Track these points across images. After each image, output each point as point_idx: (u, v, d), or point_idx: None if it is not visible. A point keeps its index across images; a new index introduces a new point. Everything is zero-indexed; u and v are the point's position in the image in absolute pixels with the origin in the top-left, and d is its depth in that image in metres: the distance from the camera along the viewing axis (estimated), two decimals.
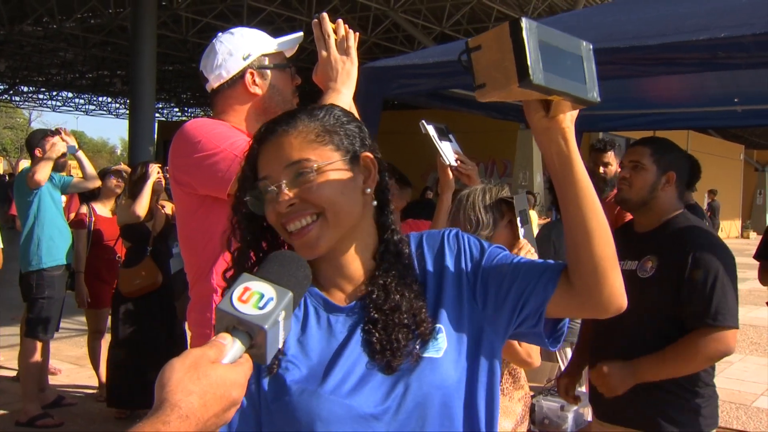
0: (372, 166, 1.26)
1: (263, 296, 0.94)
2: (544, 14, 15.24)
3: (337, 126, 1.23)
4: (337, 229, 1.20)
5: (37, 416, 4.96)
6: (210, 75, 2.14)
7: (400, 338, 1.18)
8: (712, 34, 2.44)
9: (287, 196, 1.17)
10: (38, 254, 5.03)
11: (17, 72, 27.13)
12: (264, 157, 1.22)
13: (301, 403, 1.16)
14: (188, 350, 0.90)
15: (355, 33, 1.99)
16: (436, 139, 2.86)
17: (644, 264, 2.58)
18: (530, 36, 0.99)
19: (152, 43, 12.40)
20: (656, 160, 2.62)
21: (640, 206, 2.66)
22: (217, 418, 0.87)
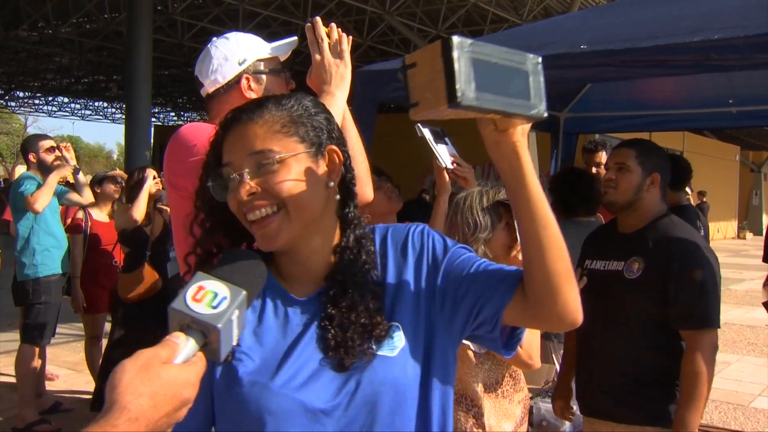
0: (337, 160, 1.24)
1: (217, 295, 0.95)
2: (539, 16, 15.27)
3: (304, 117, 1.22)
4: (298, 222, 1.19)
5: (35, 422, 4.95)
6: (205, 80, 2.14)
7: (355, 337, 1.17)
8: (706, 36, 2.46)
9: (248, 185, 1.16)
10: (34, 263, 5.02)
11: (13, 77, 27.10)
12: (228, 144, 1.21)
13: (251, 396, 1.16)
14: (140, 351, 0.89)
15: (349, 36, 1.99)
16: (432, 142, 2.86)
17: (631, 265, 2.61)
18: (461, 55, 0.95)
19: (148, 48, 12.39)
20: (641, 162, 2.66)
21: (625, 208, 2.69)
22: (168, 417, 0.87)
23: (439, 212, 2.93)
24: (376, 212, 3.13)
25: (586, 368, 2.85)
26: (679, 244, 2.55)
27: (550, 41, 3.08)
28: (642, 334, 2.59)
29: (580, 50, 2.79)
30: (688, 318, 2.49)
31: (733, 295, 12.36)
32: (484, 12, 16.00)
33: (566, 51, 2.86)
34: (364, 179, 1.99)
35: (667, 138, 19.50)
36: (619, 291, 2.63)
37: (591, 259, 2.83)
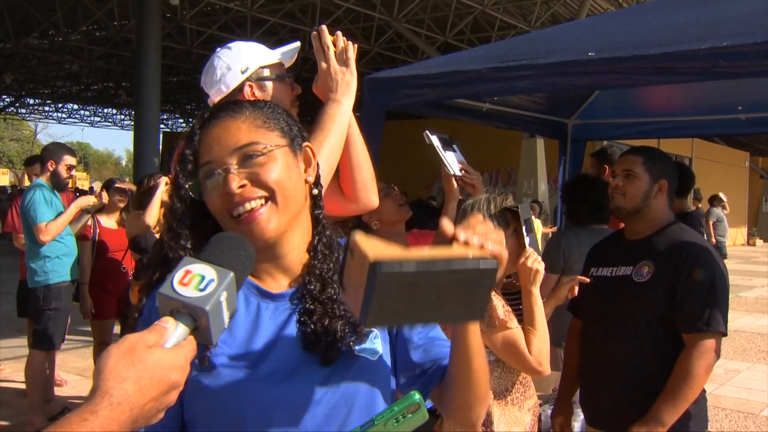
0: (312, 157, 1.28)
1: (204, 278, 0.94)
2: (547, 23, 15.28)
3: (279, 117, 1.25)
4: (285, 214, 1.20)
5: (43, 427, 4.96)
6: (210, 90, 2.15)
7: (338, 329, 1.19)
8: (714, 43, 2.45)
9: (237, 178, 1.16)
10: (45, 270, 5.05)
11: (23, 84, 27.32)
12: (207, 142, 1.20)
13: (230, 387, 1.15)
14: (126, 336, 0.89)
15: (355, 44, 2.00)
16: (440, 149, 2.87)
17: (640, 269, 2.61)
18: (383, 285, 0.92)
19: (157, 55, 12.48)
20: (648, 169, 2.66)
21: (633, 214, 2.69)
22: (156, 401, 0.86)
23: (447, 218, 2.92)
24: (384, 220, 3.14)
25: (592, 376, 2.82)
26: (690, 248, 2.55)
27: (558, 48, 3.08)
28: (649, 339, 2.58)
29: (588, 57, 2.78)
30: (693, 320, 2.48)
31: (743, 302, 12.28)
32: (491, 19, 16.02)
33: (574, 58, 2.86)
34: (369, 186, 1.99)
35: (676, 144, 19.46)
36: (627, 294, 2.62)
37: (597, 267, 2.82)
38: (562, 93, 4.74)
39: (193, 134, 1.23)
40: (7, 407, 5.66)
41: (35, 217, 4.92)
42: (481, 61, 3.20)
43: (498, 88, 3.22)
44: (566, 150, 5.28)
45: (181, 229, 1.23)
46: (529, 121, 5.05)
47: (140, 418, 0.84)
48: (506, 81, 3.05)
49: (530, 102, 4.77)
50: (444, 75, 3.20)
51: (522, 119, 4.98)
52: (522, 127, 5.29)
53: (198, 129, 1.23)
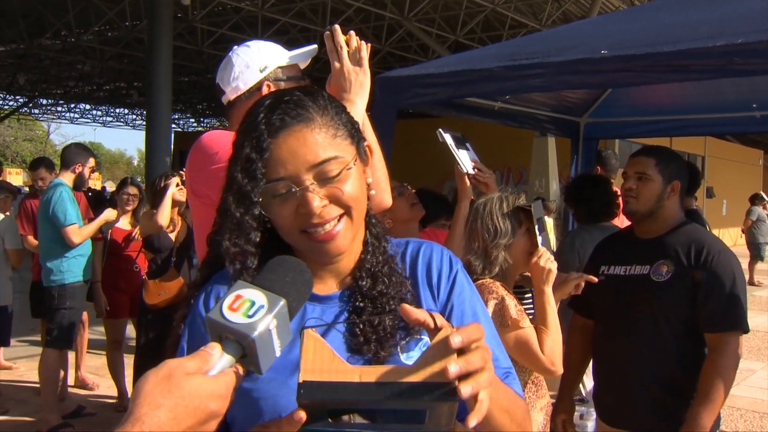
0: (369, 154, 1.21)
1: (254, 304, 0.90)
2: (558, 21, 15.22)
3: (342, 114, 1.17)
4: (357, 227, 1.16)
5: (58, 426, 5.00)
6: (227, 87, 2.15)
7: (387, 326, 1.13)
8: (728, 40, 2.42)
9: (318, 197, 1.09)
10: (61, 269, 5.09)
11: (36, 85, 27.49)
12: (281, 155, 1.10)
13: (268, 392, 1.11)
14: (166, 361, 0.85)
15: (368, 44, 2.00)
16: (453, 147, 2.87)
17: (659, 268, 2.61)
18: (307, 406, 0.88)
19: (168, 55, 12.51)
20: (661, 170, 2.66)
21: (647, 217, 2.69)
22: (193, 430, 0.82)
23: (459, 218, 2.92)
24: (397, 219, 3.14)
25: (607, 374, 2.82)
26: (709, 248, 2.55)
27: (570, 46, 3.06)
28: (669, 338, 2.58)
29: (600, 55, 2.77)
30: (717, 320, 2.48)
31: (757, 301, 12.18)
32: (502, 17, 15.97)
33: (587, 56, 2.84)
34: (383, 185, 1.99)
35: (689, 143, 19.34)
36: (645, 293, 2.62)
37: (608, 265, 2.80)
38: (574, 91, 4.72)
39: (262, 141, 1.10)
40: (23, 405, 5.71)
41: (65, 218, 4.99)
42: (493, 59, 3.19)
43: (510, 86, 3.20)
44: (578, 149, 5.26)
45: (249, 247, 1.14)
46: (540, 119, 5.04)
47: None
48: (518, 79, 3.04)
49: (542, 100, 4.76)
50: (456, 74, 3.19)
51: (534, 118, 4.96)
52: (534, 126, 5.26)
53: (267, 136, 1.10)
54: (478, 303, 1.27)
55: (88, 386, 6.18)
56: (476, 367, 0.86)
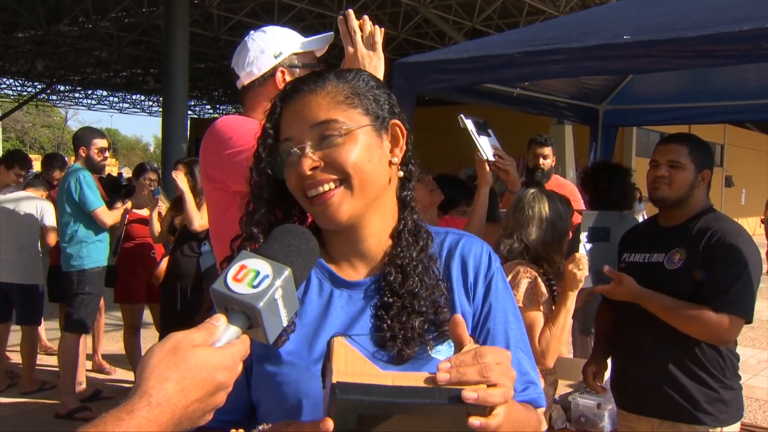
0: (401, 135, 1.19)
1: (258, 274, 0.89)
2: (576, 8, 15.06)
3: (366, 90, 1.16)
4: (360, 199, 1.12)
5: (76, 409, 5.06)
6: (241, 72, 2.15)
7: (416, 326, 1.11)
8: (756, 24, 2.37)
9: (310, 159, 1.10)
10: (81, 254, 5.12)
11: (54, 71, 27.66)
12: (287, 117, 1.14)
13: (290, 377, 1.11)
14: (171, 334, 0.84)
15: (381, 29, 1.99)
16: (474, 133, 2.84)
17: (672, 256, 2.60)
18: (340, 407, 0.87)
19: (185, 41, 12.54)
20: (693, 159, 2.64)
21: (676, 204, 2.66)
22: (202, 402, 0.82)
23: (479, 204, 2.92)
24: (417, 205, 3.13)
25: (625, 360, 2.81)
26: (723, 233, 2.53)
27: (591, 31, 3.02)
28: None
29: (623, 41, 2.72)
30: (717, 295, 2.44)
31: None
32: (520, 3, 15.83)
33: (608, 41, 2.80)
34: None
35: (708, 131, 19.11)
36: (659, 281, 2.60)
37: (630, 253, 2.80)
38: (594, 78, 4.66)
39: (275, 107, 1.17)
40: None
41: (92, 202, 5.05)
42: (512, 45, 3.15)
43: (530, 72, 3.16)
44: (597, 136, 5.20)
45: (259, 204, 1.18)
46: (559, 106, 4.98)
47: (184, 420, 0.80)
48: (538, 65, 3.00)
49: (561, 87, 4.70)
50: (475, 59, 3.16)
51: (552, 104, 4.91)
52: (552, 113, 5.21)
53: (279, 102, 1.17)
54: (511, 306, 1.23)
55: (105, 370, 6.24)
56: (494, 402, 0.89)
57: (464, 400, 0.85)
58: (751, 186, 23.21)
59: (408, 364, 1.09)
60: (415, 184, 1.24)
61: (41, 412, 5.24)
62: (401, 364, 1.09)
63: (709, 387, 2.55)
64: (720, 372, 2.56)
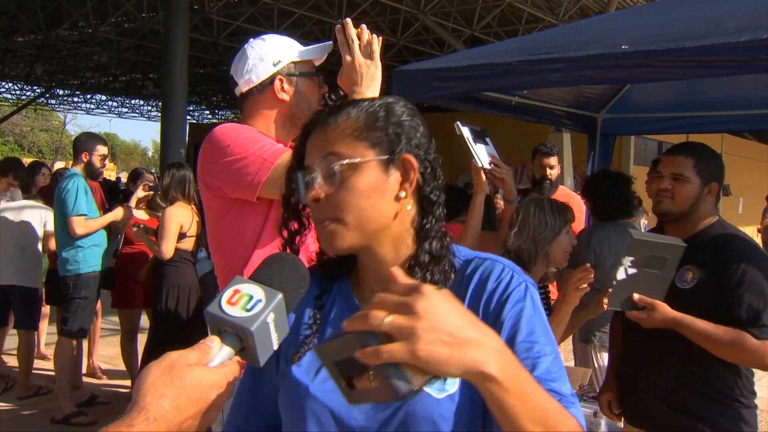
0: (411, 169, 1.15)
1: (252, 298, 0.93)
2: (575, 16, 15.11)
3: (380, 121, 1.15)
4: (357, 233, 1.14)
5: (72, 414, 5.05)
6: (240, 79, 2.16)
7: None
8: (753, 35, 2.38)
9: (314, 191, 1.14)
10: (77, 259, 5.11)
11: (53, 75, 27.69)
12: (309, 144, 1.19)
13: (294, 395, 1.19)
14: (167, 353, 0.89)
15: (379, 37, 2.00)
16: (470, 141, 2.85)
17: (683, 274, 2.49)
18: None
19: (184, 47, 12.54)
20: (699, 171, 2.53)
21: (679, 218, 2.58)
22: (195, 419, 0.86)
23: (474, 212, 2.92)
24: None
25: (634, 378, 2.74)
26: (735, 247, 2.45)
27: (590, 41, 3.03)
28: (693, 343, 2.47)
29: (621, 50, 2.73)
30: (746, 325, 2.34)
31: None
32: (519, 12, 15.87)
33: (607, 51, 2.81)
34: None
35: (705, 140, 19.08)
36: (670, 300, 2.49)
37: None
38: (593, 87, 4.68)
39: (305, 132, 1.22)
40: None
41: (72, 208, 4.97)
42: (511, 53, 3.16)
43: (529, 81, 3.17)
44: (595, 144, 5.22)
45: (290, 214, 1.26)
46: (558, 114, 5.00)
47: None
48: (537, 74, 3.01)
49: (560, 96, 4.72)
50: (474, 67, 3.17)
51: (551, 113, 4.93)
52: (551, 121, 5.23)
53: (306, 128, 1.22)
54: (539, 321, 1.13)
55: (97, 375, 6.21)
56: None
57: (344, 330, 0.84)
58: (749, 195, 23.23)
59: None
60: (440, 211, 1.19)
61: (37, 417, 5.22)
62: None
63: (724, 404, 2.47)
64: (738, 391, 2.49)
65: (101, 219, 5.21)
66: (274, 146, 1.99)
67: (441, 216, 1.19)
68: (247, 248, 2.04)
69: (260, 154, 1.94)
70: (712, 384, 2.49)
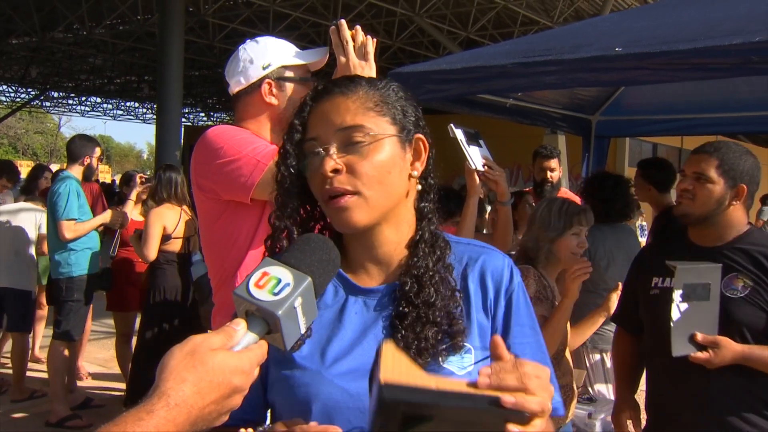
0: (423, 150, 1.20)
1: (280, 281, 0.91)
2: (570, 19, 15.15)
3: (395, 100, 1.17)
4: (375, 208, 1.13)
5: (67, 417, 5.02)
6: (231, 80, 2.17)
7: (430, 336, 1.11)
8: (746, 38, 2.39)
9: (333, 161, 1.10)
10: (70, 262, 5.09)
11: (48, 78, 27.64)
12: (315, 116, 1.15)
13: (302, 381, 1.13)
14: (190, 337, 0.87)
15: (374, 39, 2.00)
16: (463, 143, 2.85)
17: (733, 282, 2.29)
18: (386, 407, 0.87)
19: (179, 49, 12.53)
20: (725, 172, 2.34)
21: (702, 221, 2.39)
22: (217, 404, 0.84)
23: (468, 214, 2.93)
24: None
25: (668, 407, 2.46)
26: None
27: (584, 43, 3.04)
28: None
29: (615, 53, 2.74)
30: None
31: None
32: (514, 14, 15.91)
33: (601, 53, 2.82)
34: None
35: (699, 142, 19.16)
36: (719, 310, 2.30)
37: (662, 276, 2.44)
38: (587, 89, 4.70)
39: (305, 105, 1.18)
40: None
41: (62, 212, 4.95)
42: (506, 56, 3.17)
43: (523, 83, 3.18)
44: (590, 146, 5.24)
45: (288, 199, 1.18)
46: (552, 117, 5.02)
47: (200, 421, 0.83)
48: (532, 76, 3.02)
49: (554, 98, 4.74)
50: (469, 70, 3.17)
51: (546, 115, 4.94)
52: (545, 123, 5.25)
53: (310, 101, 1.18)
54: (530, 320, 1.23)
55: (79, 376, 6.15)
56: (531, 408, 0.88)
57: (503, 404, 0.86)
58: None
59: (427, 368, 1.09)
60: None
61: (31, 420, 5.20)
62: None
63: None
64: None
65: (90, 222, 5.17)
66: (267, 147, 1.99)
67: (435, 199, 1.23)
68: (240, 250, 2.04)
69: (253, 156, 1.94)
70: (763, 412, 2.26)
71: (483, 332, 1.18)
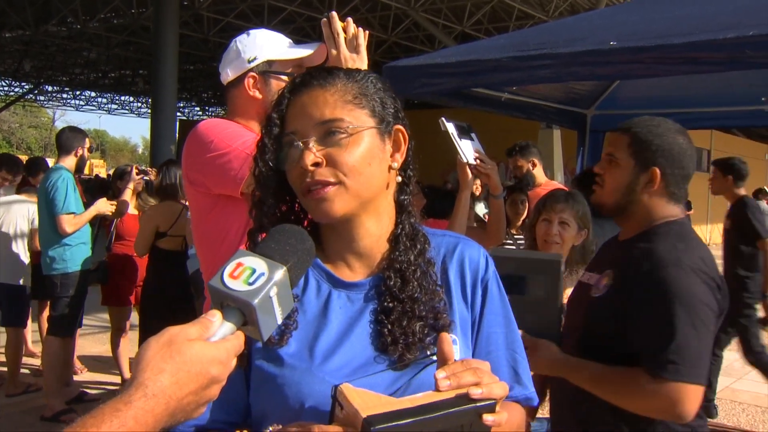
0: (403, 141, 1.20)
1: (254, 271, 0.90)
2: (565, 13, 15.15)
3: (374, 92, 1.17)
4: (355, 198, 1.13)
5: (62, 411, 5.02)
6: (222, 72, 2.17)
7: (416, 330, 1.12)
8: (740, 32, 2.40)
9: (313, 154, 1.10)
10: (64, 258, 5.07)
11: (42, 72, 27.54)
12: (294, 109, 1.15)
13: (292, 379, 1.12)
14: (167, 328, 0.86)
15: (366, 31, 1.99)
16: (455, 136, 2.84)
17: (600, 280, 1.97)
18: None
19: (174, 43, 12.51)
20: (634, 152, 1.94)
21: (616, 212, 2.02)
22: (196, 395, 0.84)
23: (460, 208, 2.93)
24: None
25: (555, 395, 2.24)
26: (659, 256, 1.82)
27: (579, 37, 3.04)
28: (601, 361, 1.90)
29: (609, 47, 2.75)
30: (649, 357, 1.76)
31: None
32: (509, 8, 15.90)
33: (596, 47, 2.82)
34: None
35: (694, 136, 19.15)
36: (581, 308, 2.04)
37: (587, 271, 2.18)
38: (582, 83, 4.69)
39: (282, 98, 1.17)
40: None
41: (61, 206, 4.93)
42: (501, 50, 3.17)
43: (518, 77, 3.18)
44: (585, 141, 5.23)
45: (265, 194, 1.18)
46: (547, 111, 5.01)
47: (178, 411, 0.83)
48: (526, 70, 3.02)
49: (549, 92, 4.73)
50: (464, 64, 3.18)
51: (541, 109, 4.94)
52: (540, 117, 5.24)
53: (288, 93, 1.17)
54: (504, 309, 1.26)
55: (75, 370, 6.14)
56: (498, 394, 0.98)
57: (473, 397, 0.95)
58: None
59: (409, 368, 1.12)
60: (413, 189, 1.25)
61: (27, 415, 5.19)
62: (403, 368, 1.11)
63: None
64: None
65: (87, 213, 5.17)
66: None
67: (412, 191, 1.25)
68: (232, 244, 2.04)
69: (243, 149, 1.93)
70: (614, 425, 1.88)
71: (464, 323, 1.20)
